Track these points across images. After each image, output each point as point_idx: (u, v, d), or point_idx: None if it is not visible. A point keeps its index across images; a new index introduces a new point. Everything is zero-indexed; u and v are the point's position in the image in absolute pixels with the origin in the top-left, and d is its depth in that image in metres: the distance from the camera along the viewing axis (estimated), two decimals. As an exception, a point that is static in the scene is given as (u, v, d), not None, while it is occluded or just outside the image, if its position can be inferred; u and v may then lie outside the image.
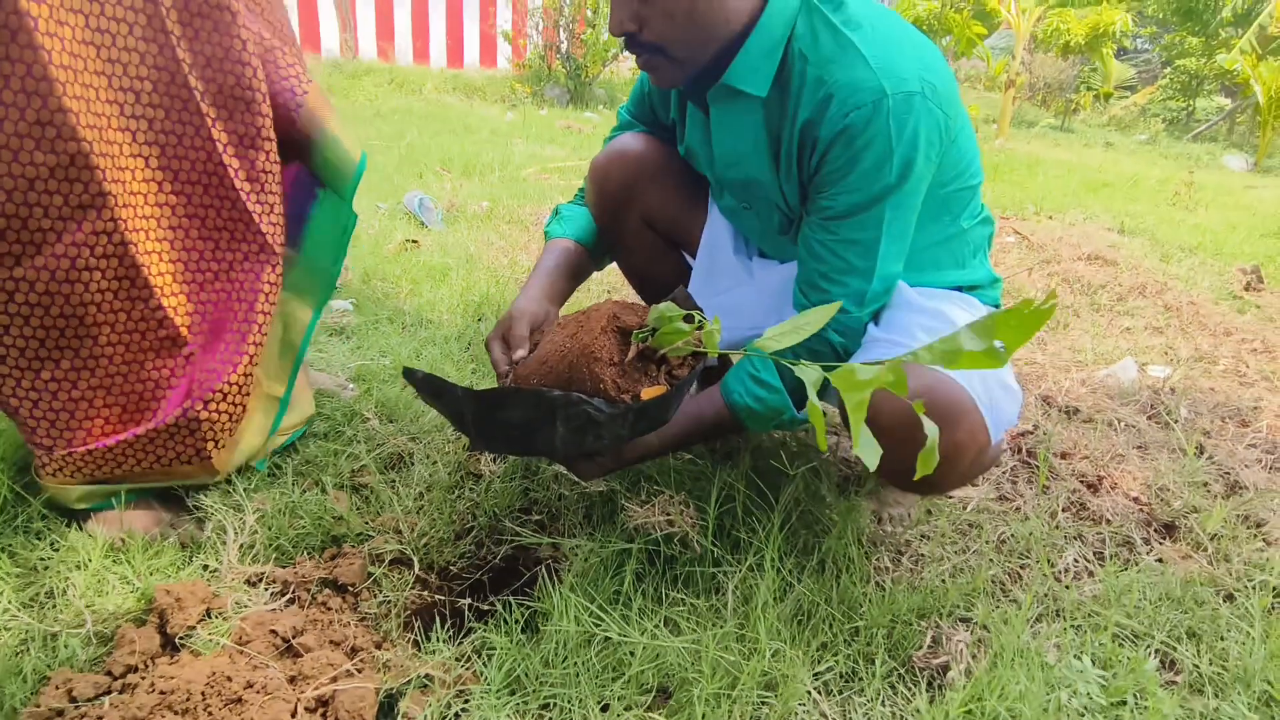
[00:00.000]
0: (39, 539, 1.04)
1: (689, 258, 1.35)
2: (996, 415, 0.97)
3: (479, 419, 0.92)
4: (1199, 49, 12.42)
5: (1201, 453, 1.55)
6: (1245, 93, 10.79)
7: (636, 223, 1.29)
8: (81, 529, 1.06)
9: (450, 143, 4.80)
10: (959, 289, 1.14)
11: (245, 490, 1.16)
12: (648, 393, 0.91)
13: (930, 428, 0.60)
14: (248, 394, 1.13)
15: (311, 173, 1.18)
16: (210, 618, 0.92)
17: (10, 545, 1.02)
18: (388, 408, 1.46)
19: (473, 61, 10.32)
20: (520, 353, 1.08)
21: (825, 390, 1.11)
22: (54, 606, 0.94)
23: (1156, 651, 1.02)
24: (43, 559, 1.01)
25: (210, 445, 1.10)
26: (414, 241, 2.73)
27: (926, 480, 1.01)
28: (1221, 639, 1.03)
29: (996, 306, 1.20)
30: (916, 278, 1.09)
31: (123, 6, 0.95)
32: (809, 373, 0.72)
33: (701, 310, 1.05)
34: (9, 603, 0.93)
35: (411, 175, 3.87)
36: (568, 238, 1.27)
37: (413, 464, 1.29)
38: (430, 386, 0.92)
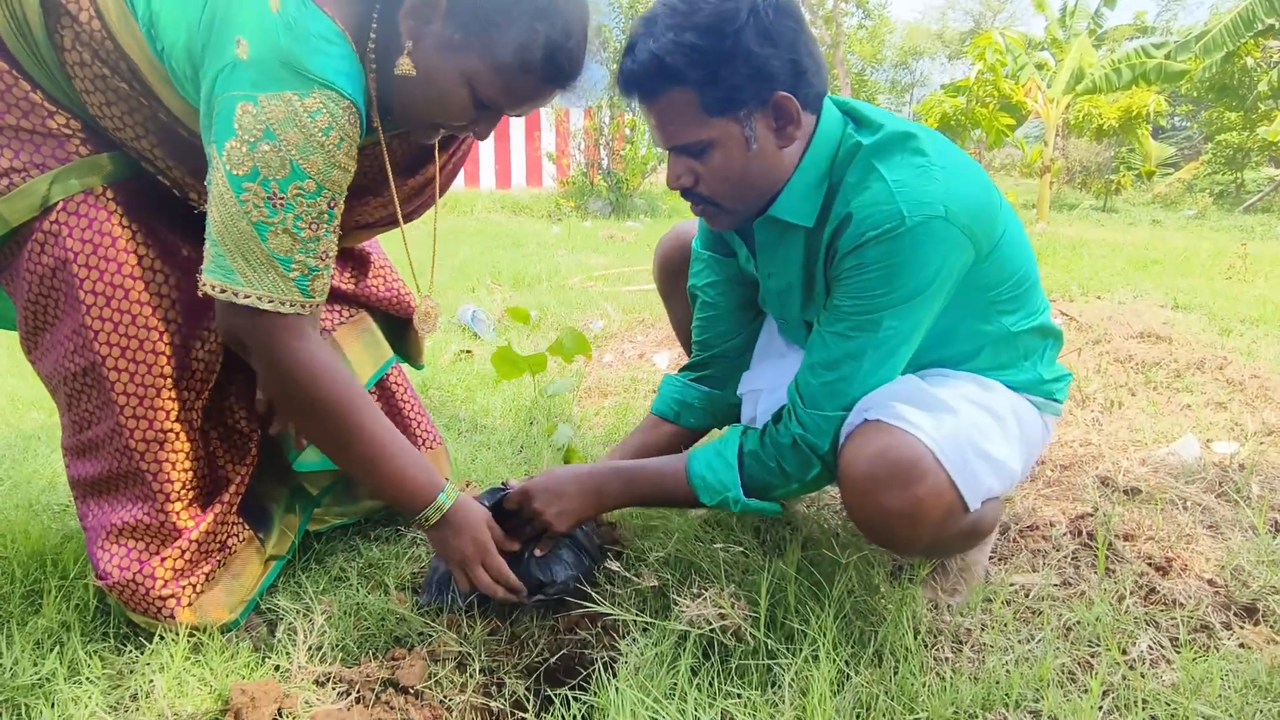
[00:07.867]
0: (125, 642, 1.11)
1: None
2: (970, 481, 0.99)
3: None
4: (1239, 123, 12.41)
5: (1277, 531, 1.49)
6: (1293, 163, 10.67)
7: (687, 291, 1.43)
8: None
9: (500, 257, 5.07)
10: None
11: (314, 593, 1.21)
12: None
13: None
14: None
15: None
16: (282, 717, 0.96)
17: (100, 650, 1.08)
18: (446, 510, 1.51)
19: (520, 182, 10.96)
20: None
21: (819, 479, 1.14)
22: (138, 710, 0.99)
23: (1244, 742, 0.96)
24: (128, 663, 1.07)
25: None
26: (468, 352, 2.86)
27: (896, 537, 1.04)
28: (1316, 728, 0.97)
29: (1052, 399, 1.24)
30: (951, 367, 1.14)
31: None
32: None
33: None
34: (97, 705, 0.98)
35: (464, 290, 4.09)
36: (655, 414, 1.43)
37: (470, 564, 1.33)
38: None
